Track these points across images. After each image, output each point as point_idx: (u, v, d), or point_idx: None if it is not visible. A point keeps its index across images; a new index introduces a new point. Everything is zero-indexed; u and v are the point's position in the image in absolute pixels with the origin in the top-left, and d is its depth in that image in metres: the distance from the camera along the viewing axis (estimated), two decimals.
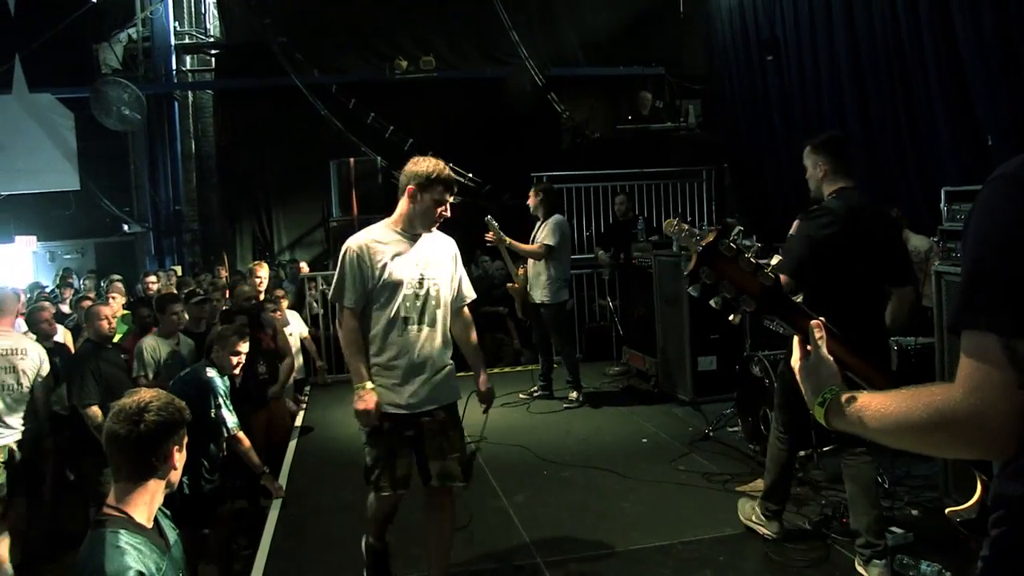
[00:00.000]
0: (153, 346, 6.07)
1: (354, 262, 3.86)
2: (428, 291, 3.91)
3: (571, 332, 8.47)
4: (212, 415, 5.00)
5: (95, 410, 5.52)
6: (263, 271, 8.16)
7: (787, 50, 10.09)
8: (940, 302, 4.87)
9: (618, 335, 9.57)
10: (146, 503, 2.49)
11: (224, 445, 5.16)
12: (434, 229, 4.02)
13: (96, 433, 5.55)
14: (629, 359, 9.10)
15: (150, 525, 2.52)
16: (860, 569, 4.14)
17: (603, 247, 9.76)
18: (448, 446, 3.96)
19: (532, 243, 8.06)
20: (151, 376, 5.84)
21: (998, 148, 7.04)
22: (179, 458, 2.55)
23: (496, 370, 9.88)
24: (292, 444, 7.04)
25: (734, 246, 1.77)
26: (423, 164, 3.93)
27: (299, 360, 8.47)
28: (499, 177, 12.30)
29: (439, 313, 3.96)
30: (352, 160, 10.34)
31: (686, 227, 3.91)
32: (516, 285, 8.25)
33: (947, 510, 1.74)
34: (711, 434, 6.65)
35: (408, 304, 3.86)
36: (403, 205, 3.95)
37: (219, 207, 13.08)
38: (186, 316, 6.47)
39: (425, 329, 3.90)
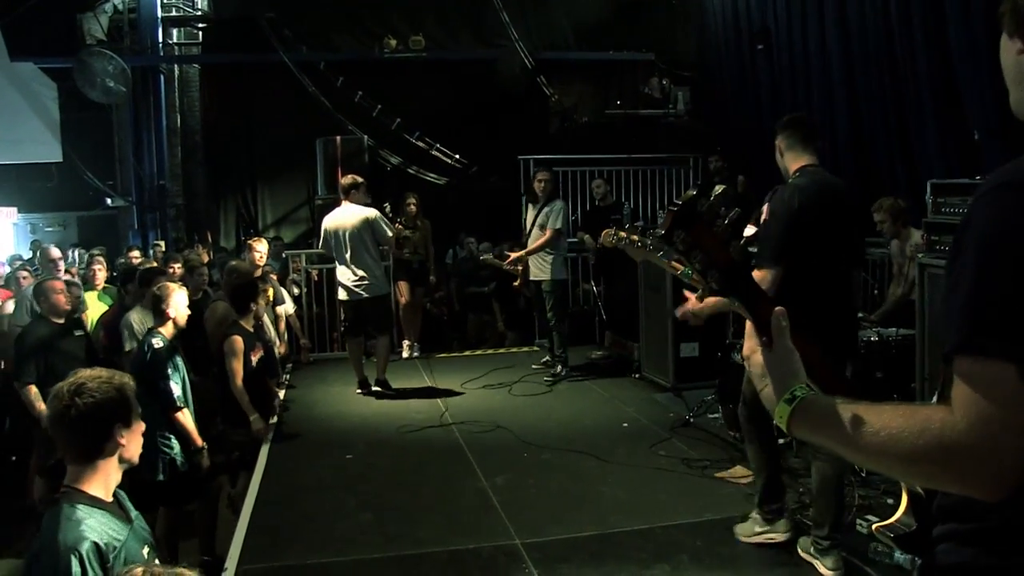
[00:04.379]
0: (140, 319, 6.03)
1: None
2: None
3: (566, 309, 8.59)
4: (161, 387, 4.98)
5: (32, 389, 5.57)
6: (262, 246, 8.15)
7: (778, 40, 10.08)
8: (923, 294, 4.89)
9: (601, 320, 9.58)
10: (101, 482, 2.50)
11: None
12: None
13: (31, 410, 5.58)
14: (612, 344, 9.12)
15: (109, 499, 2.52)
16: (808, 557, 4.18)
17: (586, 231, 9.76)
18: None
19: (532, 225, 8.20)
20: None
21: (984, 144, 7.08)
22: (128, 435, 2.54)
23: (479, 352, 9.89)
24: (272, 421, 7.00)
25: (713, 208, 1.54)
26: None
27: (285, 334, 8.48)
28: (486, 159, 12.26)
29: None
30: (338, 138, 10.26)
31: (624, 234, 3.92)
32: (518, 268, 8.29)
33: (874, 527, 1.62)
34: (692, 420, 6.66)
35: None
36: None
37: (204, 183, 12.97)
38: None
39: None
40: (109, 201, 12.61)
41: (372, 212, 7.64)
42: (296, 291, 9.35)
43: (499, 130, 12.09)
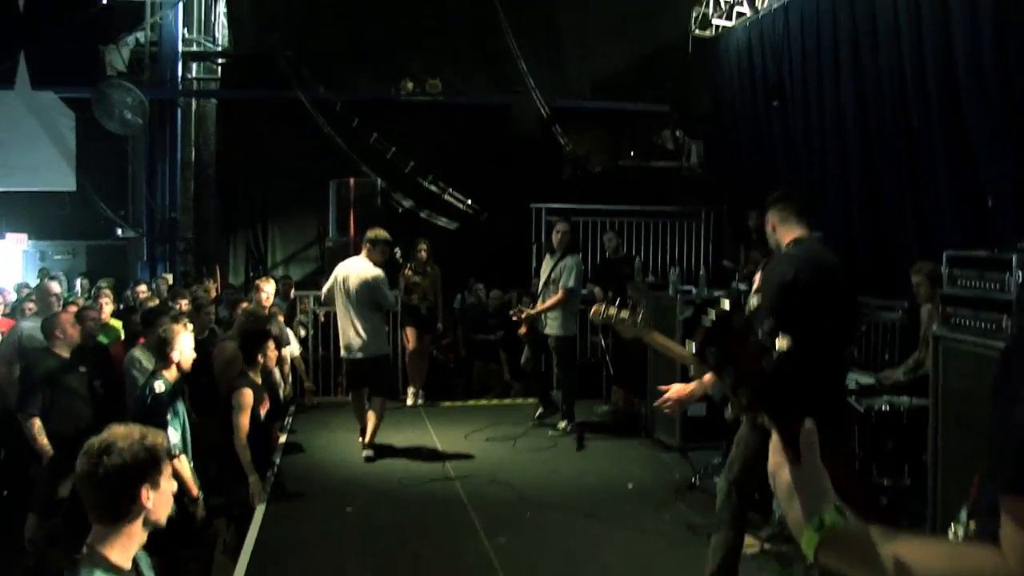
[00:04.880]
0: (140, 358, 5.99)
1: None
2: None
3: (574, 364, 8.53)
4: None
5: (36, 422, 5.53)
6: (269, 286, 8.10)
7: (793, 97, 10.10)
8: (937, 367, 4.82)
9: (608, 374, 9.49)
10: (123, 545, 2.43)
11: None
12: None
13: (32, 443, 5.54)
14: (619, 400, 9.03)
15: (128, 566, 2.45)
16: None
17: (597, 283, 9.70)
18: None
19: (543, 277, 8.21)
20: None
21: (999, 212, 7.06)
22: (157, 497, 2.47)
23: (484, 401, 9.80)
24: (275, 464, 6.92)
25: (748, 322, 1.46)
26: None
27: (290, 377, 8.42)
28: (498, 205, 12.27)
29: None
30: (352, 180, 10.28)
31: (613, 311, 3.87)
32: (526, 312, 8.22)
33: None
34: (697, 483, 6.57)
35: None
36: None
37: (215, 217, 12.99)
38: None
39: None
40: (120, 231, 12.62)
41: (378, 273, 7.40)
42: (303, 332, 9.31)
43: (512, 176, 12.11)
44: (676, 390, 3.99)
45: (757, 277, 4.04)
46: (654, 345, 3.99)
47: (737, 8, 10.62)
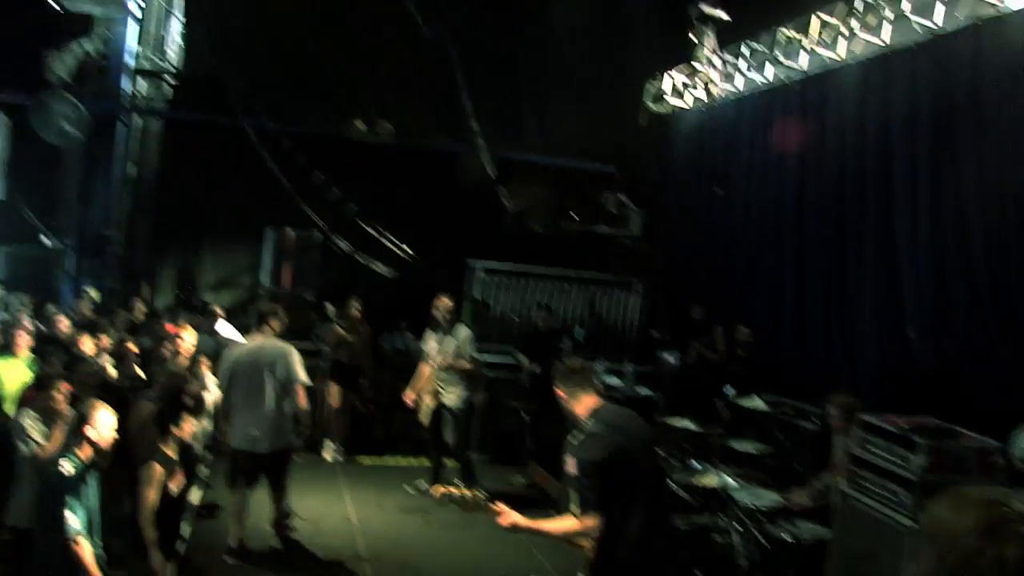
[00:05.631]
0: (28, 429, 5.70)
1: None
2: None
3: (470, 435, 8.57)
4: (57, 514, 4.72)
5: None
6: (189, 335, 7.86)
7: (736, 190, 10.30)
8: (839, 523, 4.96)
9: (527, 447, 9.53)
10: None
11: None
12: None
13: None
14: (536, 476, 9.08)
15: None
16: None
17: (526, 356, 9.73)
18: None
19: (437, 352, 8.17)
20: None
21: (918, 343, 7.31)
22: None
23: (402, 461, 9.76)
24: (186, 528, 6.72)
25: None
26: None
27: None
28: (435, 255, 12.24)
29: None
30: (291, 233, 10.17)
31: (454, 490, 3.94)
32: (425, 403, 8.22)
33: None
34: None
35: None
36: None
37: (148, 236, 12.72)
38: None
39: None
40: (45, 240, 12.24)
41: (290, 348, 6.81)
42: None
43: (452, 228, 12.13)
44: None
45: (570, 462, 3.96)
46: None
47: (692, 91, 10.81)
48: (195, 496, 7.34)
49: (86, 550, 4.87)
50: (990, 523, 1.23)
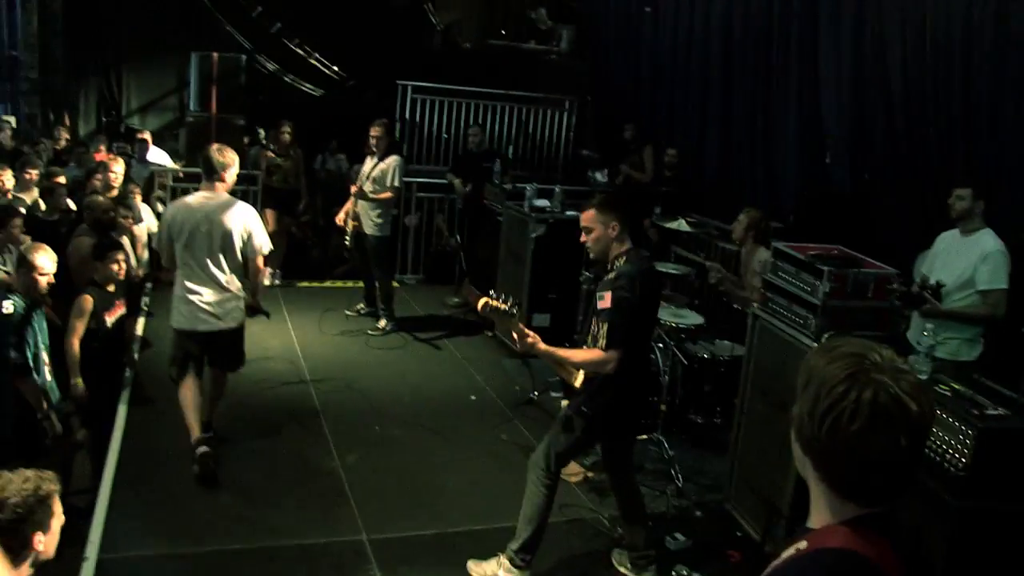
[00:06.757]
0: None
1: None
2: None
3: (392, 264, 8.86)
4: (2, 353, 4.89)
5: None
6: (118, 166, 7.78)
7: (665, 8, 10.26)
8: (752, 340, 5.40)
9: (461, 268, 9.82)
10: None
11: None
12: None
13: None
14: (468, 295, 9.40)
15: None
16: (624, 571, 4.77)
17: (457, 175, 9.83)
18: None
19: (366, 178, 8.25)
20: None
21: (833, 167, 7.68)
22: (48, 538, 2.67)
23: (339, 283, 10.03)
24: (134, 361, 6.83)
25: None
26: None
27: (145, 255, 8.30)
28: (364, 73, 12.03)
29: None
30: (215, 55, 9.84)
31: (494, 303, 4.15)
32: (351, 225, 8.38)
33: None
34: (535, 398, 7.13)
35: None
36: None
37: (63, 58, 12.14)
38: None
39: None
40: None
41: (248, 208, 5.72)
42: (160, 208, 9.12)
43: (380, 47, 11.87)
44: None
45: (607, 297, 4.23)
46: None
47: None
48: (138, 327, 7.56)
49: (31, 384, 5.03)
50: (853, 371, 1.50)
